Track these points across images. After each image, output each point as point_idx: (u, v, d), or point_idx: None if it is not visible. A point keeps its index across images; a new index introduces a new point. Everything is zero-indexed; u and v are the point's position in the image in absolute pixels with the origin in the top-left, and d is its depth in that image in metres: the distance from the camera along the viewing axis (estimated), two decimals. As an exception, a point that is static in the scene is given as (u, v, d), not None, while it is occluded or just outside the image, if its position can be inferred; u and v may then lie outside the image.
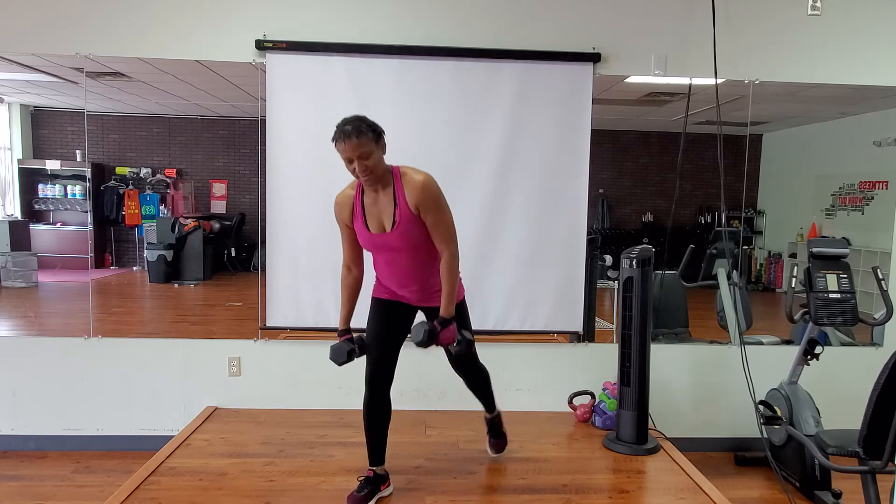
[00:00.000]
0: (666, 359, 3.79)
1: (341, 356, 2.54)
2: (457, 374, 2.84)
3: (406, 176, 2.44)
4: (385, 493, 2.66)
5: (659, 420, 3.54)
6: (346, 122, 2.36)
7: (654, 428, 3.46)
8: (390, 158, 3.59)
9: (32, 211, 8.48)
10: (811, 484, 3.20)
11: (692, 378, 3.84)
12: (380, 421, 2.62)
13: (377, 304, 2.66)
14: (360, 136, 2.31)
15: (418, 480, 2.82)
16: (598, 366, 3.77)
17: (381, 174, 2.40)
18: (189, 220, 8.41)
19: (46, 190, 8.54)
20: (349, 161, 2.34)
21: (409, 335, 2.63)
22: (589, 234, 3.74)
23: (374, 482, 2.61)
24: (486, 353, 3.79)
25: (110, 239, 8.79)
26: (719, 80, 3.65)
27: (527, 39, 3.60)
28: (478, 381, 2.86)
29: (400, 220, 2.41)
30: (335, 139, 2.34)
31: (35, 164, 8.49)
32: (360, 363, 3.67)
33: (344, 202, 2.51)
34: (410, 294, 2.60)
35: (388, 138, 3.56)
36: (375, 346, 2.61)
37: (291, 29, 3.53)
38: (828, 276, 3.13)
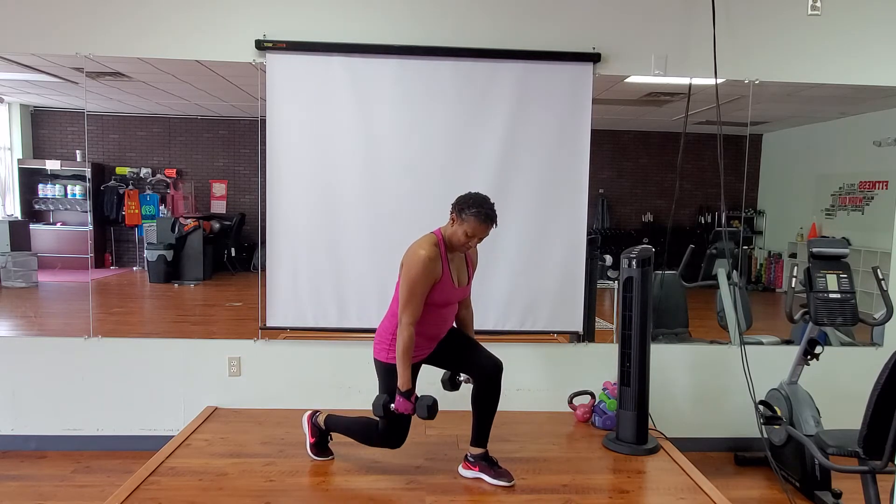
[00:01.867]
0: (666, 359, 3.79)
1: (436, 408, 2.65)
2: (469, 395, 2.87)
3: None
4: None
5: (659, 420, 3.54)
6: (490, 205, 2.62)
7: (654, 428, 3.46)
8: (391, 157, 3.60)
9: (32, 211, 8.48)
10: (811, 484, 3.20)
11: (692, 378, 3.84)
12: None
13: (426, 360, 2.85)
14: (495, 223, 2.63)
15: (418, 480, 2.82)
16: (598, 366, 3.77)
17: None
18: (189, 220, 8.41)
19: (46, 190, 8.54)
20: (473, 237, 2.60)
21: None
22: (589, 234, 3.74)
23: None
24: (486, 353, 3.79)
25: (110, 239, 8.79)
26: (719, 80, 3.65)
27: (527, 39, 3.60)
28: (496, 406, 2.85)
29: (470, 275, 2.83)
30: (480, 216, 2.57)
31: (35, 164, 8.49)
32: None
33: (437, 259, 2.63)
34: (442, 336, 2.84)
35: (387, 138, 3.59)
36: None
37: (291, 29, 3.53)
38: (828, 276, 3.13)
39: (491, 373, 2.75)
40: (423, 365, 2.83)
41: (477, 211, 2.57)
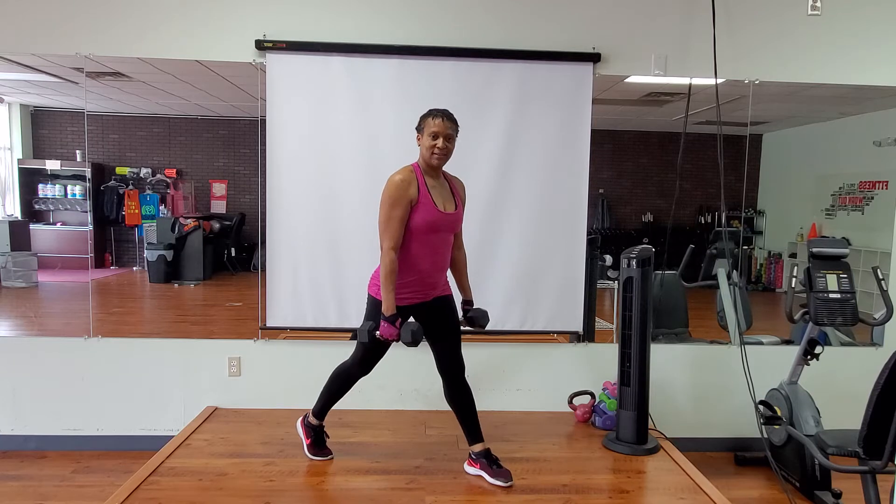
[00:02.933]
0: (666, 359, 3.79)
1: (420, 334, 2.60)
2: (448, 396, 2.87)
3: (448, 173, 2.83)
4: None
5: (659, 420, 3.54)
6: (437, 109, 2.68)
7: (654, 428, 3.46)
8: (391, 157, 3.60)
9: (32, 211, 8.48)
10: (811, 484, 3.20)
11: (692, 378, 3.84)
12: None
13: (410, 310, 2.76)
14: (452, 121, 2.66)
15: (418, 480, 2.82)
16: (598, 366, 3.77)
17: (446, 161, 2.70)
18: (189, 220, 8.41)
19: (46, 190, 8.54)
20: (435, 136, 2.62)
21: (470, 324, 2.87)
22: (589, 234, 3.74)
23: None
24: (487, 353, 3.80)
25: (110, 239, 8.79)
26: (719, 80, 3.65)
27: (527, 39, 3.60)
28: (472, 401, 2.85)
29: (458, 204, 2.79)
30: (430, 115, 2.64)
31: (35, 164, 8.49)
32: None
33: (410, 179, 2.64)
34: (439, 279, 2.80)
35: (387, 138, 3.59)
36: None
37: (291, 29, 3.53)
38: (828, 276, 3.13)
39: (450, 376, 2.81)
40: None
41: (426, 114, 2.67)
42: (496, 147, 3.62)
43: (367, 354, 2.82)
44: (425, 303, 2.77)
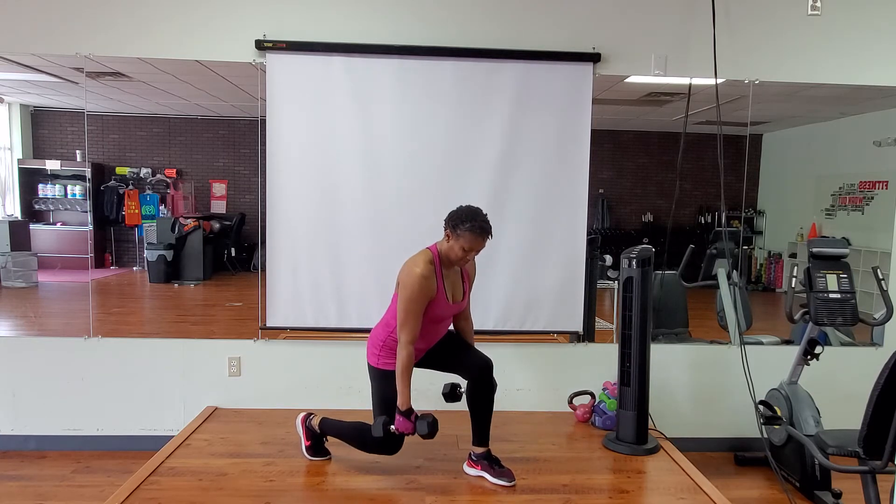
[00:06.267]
0: (666, 359, 3.79)
1: (436, 426, 2.63)
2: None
3: None
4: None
5: (659, 420, 3.54)
6: (484, 217, 2.61)
7: (654, 428, 3.46)
8: (391, 157, 3.61)
9: (32, 211, 8.48)
10: (811, 484, 3.20)
11: (692, 378, 3.84)
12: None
13: (417, 364, 2.77)
14: (490, 235, 2.63)
15: (418, 480, 2.82)
16: (598, 366, 3.77)
17: None
18: (189, 220, 8.41)
19: (46, 190, 8.54)
20: (470, 251, 2.60)
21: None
22: (589, 234, 3.74)
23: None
24: (487, 353, 3.80)
25: (110, 239, 8.79)
26: (719, 80, 3.65)
27: (527, 39, 3.60)
28: (492, 402, 2.84)
29: (466, 291, 2.82)
30: (474, 229, 2.56)
31: (35, 164, 8.50)
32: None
33: (431, 276, 2.62)
34: (432, 346, 2.85)
35: (387, 138, 3.59)
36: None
37: (291, 29, 3.53)
38: (828, 276, 3.13)
39: (480, 370, 2.75)
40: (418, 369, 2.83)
41: (472, 225, 2.56)
42: (496, 147, 3.61)
43: (387, 442, 2.76)
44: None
